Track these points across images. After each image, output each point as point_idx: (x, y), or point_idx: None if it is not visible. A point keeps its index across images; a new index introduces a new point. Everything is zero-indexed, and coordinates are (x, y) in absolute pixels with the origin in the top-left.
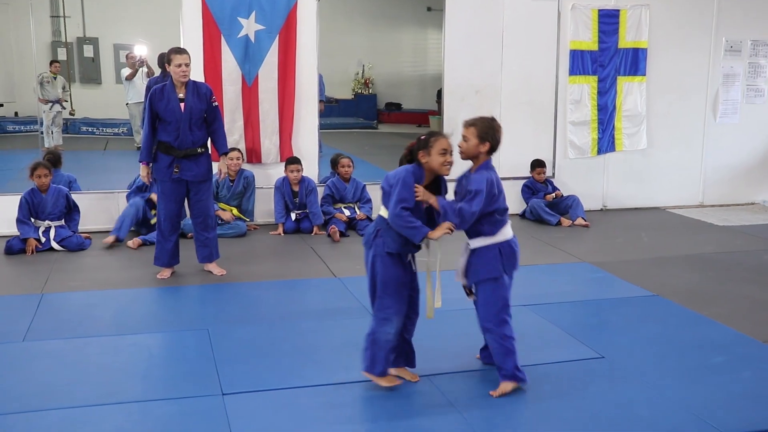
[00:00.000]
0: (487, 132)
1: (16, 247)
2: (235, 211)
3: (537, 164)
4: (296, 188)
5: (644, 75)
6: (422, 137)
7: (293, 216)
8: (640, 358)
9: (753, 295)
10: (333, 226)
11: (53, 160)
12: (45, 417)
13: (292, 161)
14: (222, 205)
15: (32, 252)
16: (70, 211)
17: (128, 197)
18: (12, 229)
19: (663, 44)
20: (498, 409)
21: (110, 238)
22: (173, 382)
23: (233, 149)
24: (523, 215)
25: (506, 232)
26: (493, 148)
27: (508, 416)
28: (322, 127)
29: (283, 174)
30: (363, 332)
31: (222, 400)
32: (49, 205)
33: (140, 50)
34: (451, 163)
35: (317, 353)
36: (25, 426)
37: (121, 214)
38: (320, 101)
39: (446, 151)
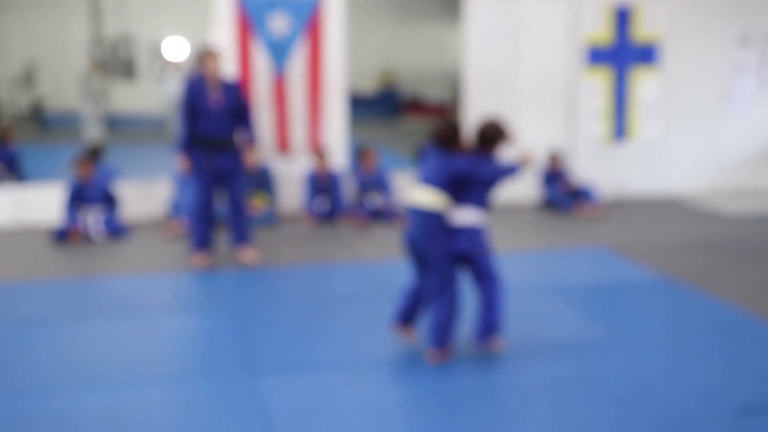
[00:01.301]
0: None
1: (59, 234)
2: (261, 199)
3: (553, 154)
4: (324, 179)
5: (658, 65)
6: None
7: (322, 205)
8: (653, 339)
9: (766, 278)
10: (360, 214)
11: (95, 152)
12: (87, 395)
13: (320, 153)
14: None
15: (75, 239)
16: (111, 201)
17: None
18: (56, 217)
19: (676, 35)
20: (515, 392)
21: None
22: (211, 362)
23: None
24: (538, 204)
25: None
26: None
27: (525, 395)
28: None
29: (312, 165)
30: (391, 314)
31: (257, 379)
32: (90, 195)
33: (174, 47)
34: None
35: (348, 335)
36: (68, 404)
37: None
38: None
39: None
